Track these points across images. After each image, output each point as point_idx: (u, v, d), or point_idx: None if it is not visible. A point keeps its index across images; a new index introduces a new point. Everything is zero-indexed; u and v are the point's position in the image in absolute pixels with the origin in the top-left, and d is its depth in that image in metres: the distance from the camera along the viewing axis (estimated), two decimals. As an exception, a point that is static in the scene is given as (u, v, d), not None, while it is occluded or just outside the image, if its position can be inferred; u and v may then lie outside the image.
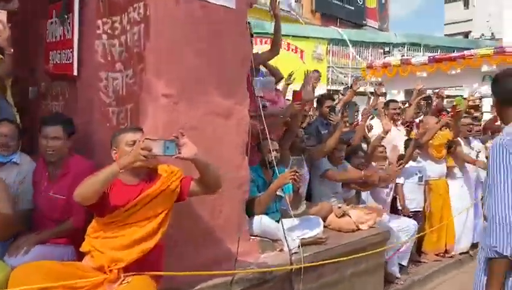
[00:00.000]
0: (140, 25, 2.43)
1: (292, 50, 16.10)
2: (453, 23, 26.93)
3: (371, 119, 5.41)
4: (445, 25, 27.67)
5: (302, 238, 3.19)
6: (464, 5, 27.33)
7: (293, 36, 15.94)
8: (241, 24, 2.88)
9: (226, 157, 2.80)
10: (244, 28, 2.91)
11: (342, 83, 16.75)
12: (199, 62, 2.60)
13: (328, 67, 16.46)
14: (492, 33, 22.51)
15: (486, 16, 24.19)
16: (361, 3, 23.09)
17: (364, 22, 22.80)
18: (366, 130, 5.17)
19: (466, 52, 12.55)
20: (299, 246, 3.06)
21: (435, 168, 4.98)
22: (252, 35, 3.54)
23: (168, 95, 2.47)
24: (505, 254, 1.78)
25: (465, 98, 5.44)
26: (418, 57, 13.35)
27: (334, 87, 16.55)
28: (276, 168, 3.18)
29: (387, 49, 15.30)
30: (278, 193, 3.27)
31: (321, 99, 4.64)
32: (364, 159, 4.52)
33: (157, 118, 2.44)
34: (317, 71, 16.53)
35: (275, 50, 3.75)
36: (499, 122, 5.32)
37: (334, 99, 4.63)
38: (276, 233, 3.05)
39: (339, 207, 3.88)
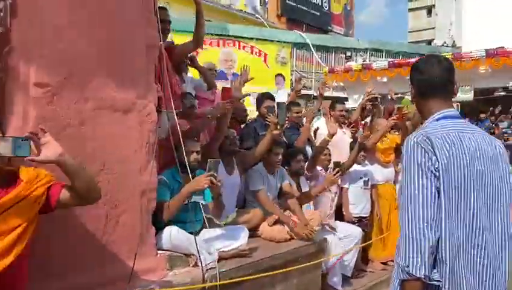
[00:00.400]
0: (7, -1, 2.01)
1: (256, 53, 15.87)
2: (417, 31, 27.48)
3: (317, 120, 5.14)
4: (409, 32, 28.19)
5: (222, 251, 2.83)
6: (427, 14, 27.95)
7: (256, 39, 15.72)
8: (144, 7, 2.51)
9: (125, 160, 2.41)
10: (149, 13, 2.54)
11: (306, 87, 16.63)
12: (85, 46, 2.21)
13: (292, 71, 16.30)
14: (453, 41, 23.05)
15: (448, 24, 24.85)
16: (326, 9, 23.20)
17: (329, 27, 22.88)
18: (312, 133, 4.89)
19: (425, 58, 12.60)
20: (216, 261, 2.70)
21: (383, 172, 4.74)
22: (169, 22, 3.17)
23: (43, 85, 2.06)
24: (418, 275, 1.47)
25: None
26: (379, 62, 13.34)
27: (298, 92, 16.40)
28: (189, 171, 2.80)
29: (349, 54, 15.27)
30: (198, 200, 2.90)
31: (260, 98, 4.30)
32: (307, 163, 4.22)
33: (27, 112, 2.03)
34: (280, 75, 16.17)
35: (197, 42, 3.39)
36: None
37: (274, 99, 4.29)
38: (188, 246, 2.67)
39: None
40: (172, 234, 2.66)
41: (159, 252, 2.64)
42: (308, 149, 4.57)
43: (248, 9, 18.93)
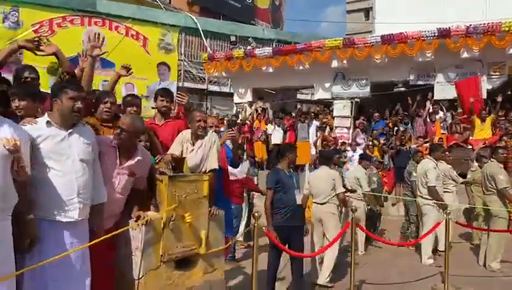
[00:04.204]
0: None
1: (133, 36, 13.23)
2: (354, 33, 25.65)
3: None
4: (346, 35, 26.39)
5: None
6: (365, 17, 26.27)
7: (133, 19, 13.10)
8: None
9: None
10: None
11: (199, 79, 14.09)
12: None
13: (180, 60, 13.75)
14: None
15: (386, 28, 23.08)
16: (250, 1, 20.95)
17: (253, 22, 20.58)
18: None
19: (313, 43, 10.25)
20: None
21: None
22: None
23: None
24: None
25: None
26: (263, 49, 10.96)
27: (188, 85, 13.85)
28: None
29: (234, 40, 12.87)
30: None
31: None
32: None
33: None
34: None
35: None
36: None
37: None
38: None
39: None
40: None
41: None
42: None
43: (143, -10, 16.30)
